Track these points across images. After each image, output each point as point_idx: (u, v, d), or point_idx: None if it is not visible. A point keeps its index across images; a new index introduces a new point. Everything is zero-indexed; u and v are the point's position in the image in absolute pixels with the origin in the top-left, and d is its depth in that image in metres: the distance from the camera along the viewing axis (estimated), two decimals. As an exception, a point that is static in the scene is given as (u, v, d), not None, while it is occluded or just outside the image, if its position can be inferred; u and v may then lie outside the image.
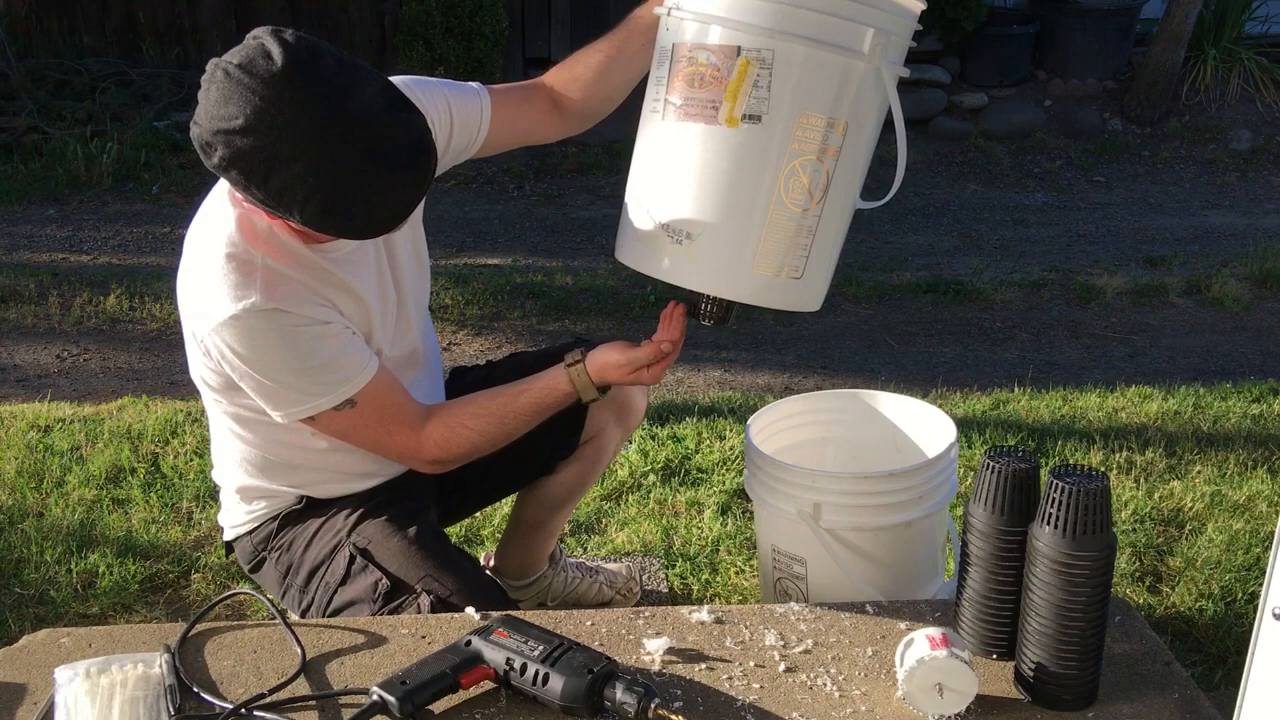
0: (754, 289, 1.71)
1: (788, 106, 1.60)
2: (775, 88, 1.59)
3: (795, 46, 1.58)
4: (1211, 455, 3.17)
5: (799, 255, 1.69)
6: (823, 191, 1.66)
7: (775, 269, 1.69)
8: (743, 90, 1.59)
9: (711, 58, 1.60)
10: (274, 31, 1.53)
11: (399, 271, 1.89)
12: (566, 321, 4.38)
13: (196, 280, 1.70)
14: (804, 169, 1.64)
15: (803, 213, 1.67)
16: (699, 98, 1.62)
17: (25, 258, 4.98)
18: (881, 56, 1.62)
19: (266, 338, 1.66)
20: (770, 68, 1.58)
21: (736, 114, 1.60)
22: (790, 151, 1.62)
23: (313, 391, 1.71)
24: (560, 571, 2.42)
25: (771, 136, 1.61)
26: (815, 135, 1.62)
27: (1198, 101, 6.86)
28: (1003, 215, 5.75)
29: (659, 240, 1.70)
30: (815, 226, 1.69)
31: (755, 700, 1.52)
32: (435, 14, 6.17)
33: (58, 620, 2.41)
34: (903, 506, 2.00)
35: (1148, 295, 4.71)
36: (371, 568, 1.80)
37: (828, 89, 1.61)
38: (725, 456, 3.11)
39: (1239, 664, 1.39)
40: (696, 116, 1.63)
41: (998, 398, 3.61)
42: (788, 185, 1.64)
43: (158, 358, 4.03)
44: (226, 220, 1.69)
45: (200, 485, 2.95)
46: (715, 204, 1.65)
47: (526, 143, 2.07)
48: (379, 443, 1.82)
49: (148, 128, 6.18)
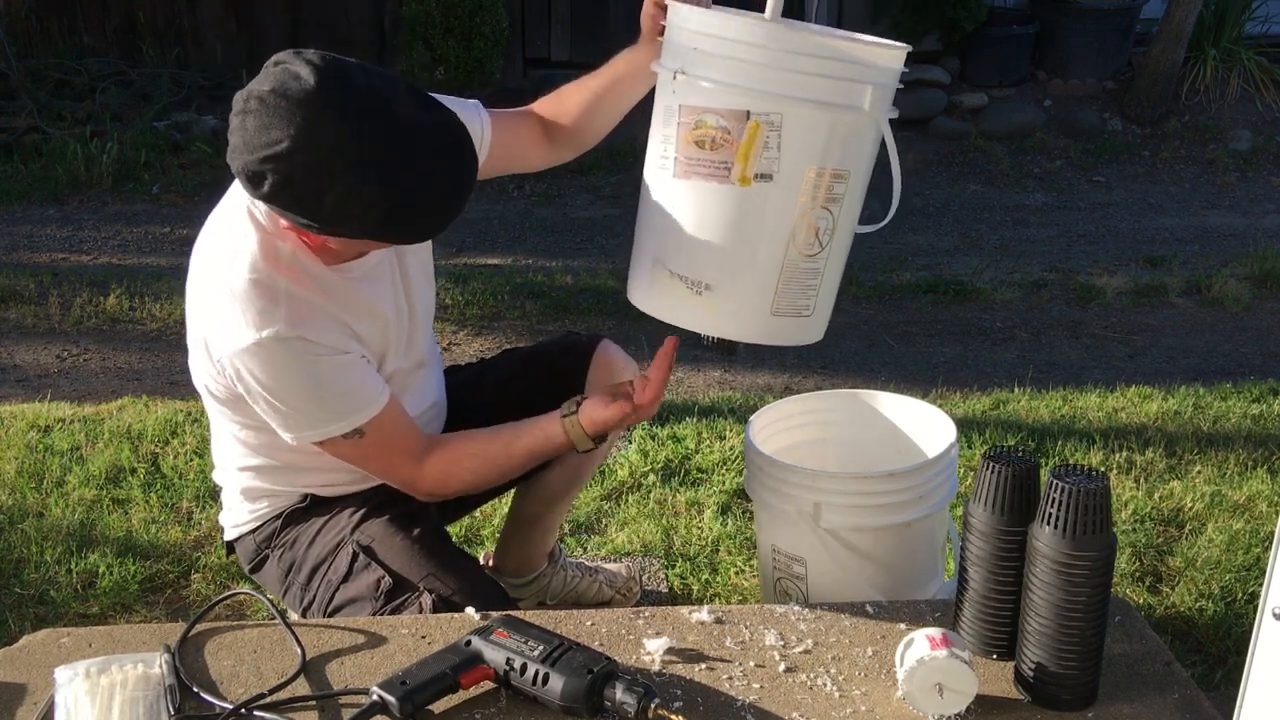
0: (770, 331, 1.80)
1: (797, 164, 1.67)
2: (785, 147, 1.65)
3: (802, 109, 1.64)
4: (1211, 455, 3.17)
5: (810, 295, 1.78)
6: (830, 235, 1.74)
7: (790, 310, 1.77)
8: (754, 152, 1.65)
9: (721, 120, 1.65)
10: (295, 53, 1.55)
11: (410, 285, 1.91)
12: (566, 321, 4.38)
13: (216, 302, 1.70)
14: (814, 218, 1.71)
15: (813, 257, 1.74)
16: (710, 159, 1.67)
17: (25, 258, 4.98)
18: (879, 109, 1.69)
19: (287, 365, 1.67)
20: (779, 129, 1.64)
21: (749, 174, 1.66)
22: (800, 205, 1.69)
23: (325, 418, 1.73)
24: (560, 570, 2.42)
25: (783, 193, 1.68)
26: (823, 187, 1.69)
27: (1198, 101, 6.86)
28: (1003, 215, 5.75)
29: (677, 290, 1.77)
30: (824, 267, 1.77)
31: (755, 700, 1.52)
32: (435, 14, 6.17)
33: (58, 620, 2.41)
34: (903, 506, 2.00)
35: (1148, 295, 4.71)
36: (374, 566, 1.80)
37: (833, 145, 1.68)
38: (725, 456, 3.11)
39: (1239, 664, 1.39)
40: (709, 176, 1.68)
41: (998, 398, 3.61)
42: (799, 235, 1.71)
43: (158, 358, 4.03)
44: (248, 242, 1.69)
45: (200, 485, 2.95)
46: (732, 258, 1.72)
47: (514, 169, 2.11)
48: (380, 470, 1.86)
49: (148, 128, 6.18)
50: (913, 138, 6.56)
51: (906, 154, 7.28)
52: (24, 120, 6.20)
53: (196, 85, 6.68)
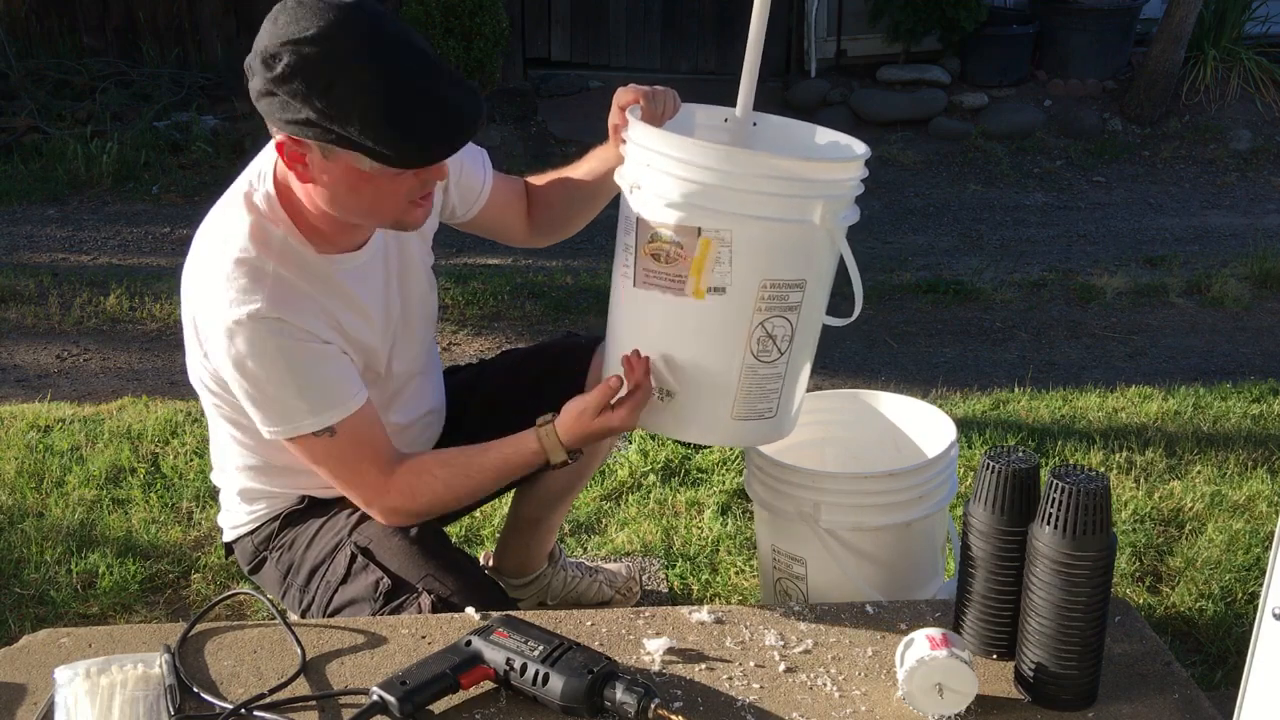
0: (732, 434, 1.86)
1: (749, 277, 1.68)
2: (737, 263, 1.67)
3: (751, 226, 1.65)
4: (1211, 455, 3.17)
5: (771, 399, 1.80)
6: (788, 341, 1.76)
7: (751, 414, 1.80)
8: (706, 266, 1.67)
9: (674, 235, 1.67)
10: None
11: (409, 289, 1.91)
12: (566, 321, 4.38)
13: (203, 280, 1.70)
14: (770, 326, 1.73)
15: (771, 363, 1.76)
16: (665, 271, 1.70)
17: (25, 258, 4.98)
18: (832, 220, 1.69)
19: (264, 346, 1.66)
20: (729, 245, 1.66)
21: (702, 287, 1.69)
22: (756, 315, 1.71)
23: (298, 410, 1.70)
24: (560, 570, 2.42)
25: (737, 305, 1.70)
26: (778, 297, 1.72)
27: (1198, 101, 6.86)
28: (1003, 215, 5.75)
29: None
30: (784, 371, 1.79)
31: (755, 700, 1.52)
32: (435, 14, 6.17)
33: (58, 620, 2.41)
34: (903, 506, 2.00)
35: (1148, 295, 4.71)
36: (373, 567, 1.80)
37: (785, 257, 1.70)
38: (725, 456, 3.11)
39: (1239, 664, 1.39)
40: (666, 288, 1.71)
41: (998, 398, 3.61)
42: (756, 344, 1.74)
43: (158, 358, 4.03)
44: (240, 224, 1.69)
45: (200, 485, 2.95)
46: (690, 368, 1.75)
47: (493, 233, 2.10)
48: (347, 478, 1.79)
49: (148, 128, 6.18)
50: (912, 138, 6.57)
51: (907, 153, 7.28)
52: (24, 120, 6.20)
53: (196, 85, 6.68)
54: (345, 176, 1.61)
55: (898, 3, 6.76)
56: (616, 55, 7.41)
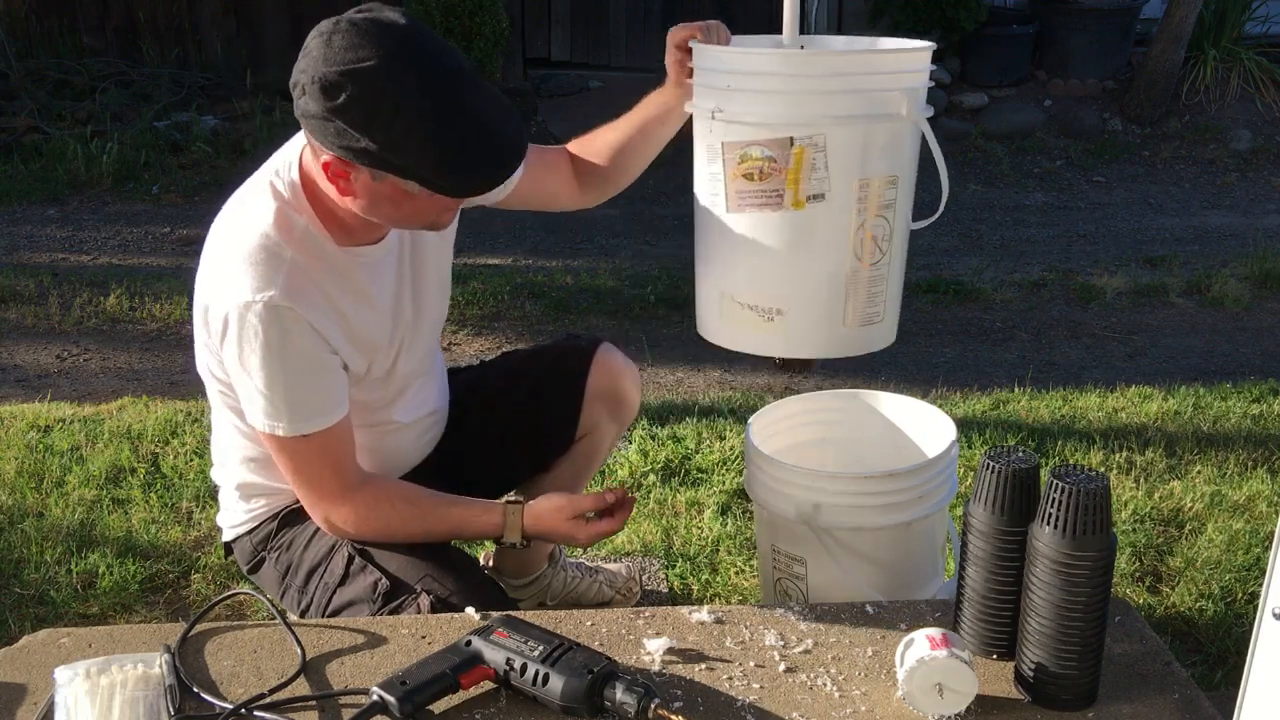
0: (848, 343, 1.87)
1: (846, 179, 1.72)
2: (832, 166, 1.70)
3: (843, 127, 1.69)
4: (1211, 455, 3.17)
5: (878, 302, 1.84)
6: (889, 240, 1.80)
7: (863, 319, 1.84)
8: (802, 175, 1.71)
9: (766, 151, 1.70)
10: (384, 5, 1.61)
11: (420, 289, 1.92)
12: (566, 321, 4.38)
13: (220, 260, 1.71)
14: (870, 227, 1.76)
15: (875, 264, 1.80)
16: (761, 189, 1.73)
17: (25, 258, 4.98)
18: (917, 111, 1.74)
19: (268, 336, 1.66)
20: (824, 149, 1.69)
21: (801, 197, 1.72)
22: (857, 217, 1.75)
23: (278, 412, 1.71)
24: (560, 571, 2.42)
25: (838, 209, 1.74)
26: (875, 196, 1.75)
27: (1198, 101, 6.86)
28: (1003, 215, 5.75)
29: (749, 320, 1.84)
30: (887, 273, 1.83)
31: (755, 700, 1.52)
32: (435, 14, 6.17)
33: (58, 620, 2.41)
34: (903, 506, 2.00)
35: (1148, 295, 4.71)
36: (371, 568, 1.80)
37: (877, 154, 1.74)
38: (725, 456, 3.11)
39: (1239, 664, 1.39)
40: (763, 205, 1.74)
41: (998, 398, 3.61)
42: (860, 246, 1.77)
43: (158, 358, 4.03)
44: (264, 210, 1.71)
45: (200, 485, 2.95)
46: (798, 281, 1.78)
47: (542, 206, 2.13)
48: (305, 477, 1.79)
49: (148, 128, 6.18)
50: (913, 138, 6.57)
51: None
52: (24, 120, 6.21)
53: (196, 85, 6.69)
54: (391, 195, 1.64)
55: (897, 3, 6.77)
56: (616, 55, 7.41)
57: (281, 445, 1.75)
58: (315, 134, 1.60)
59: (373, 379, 1.86)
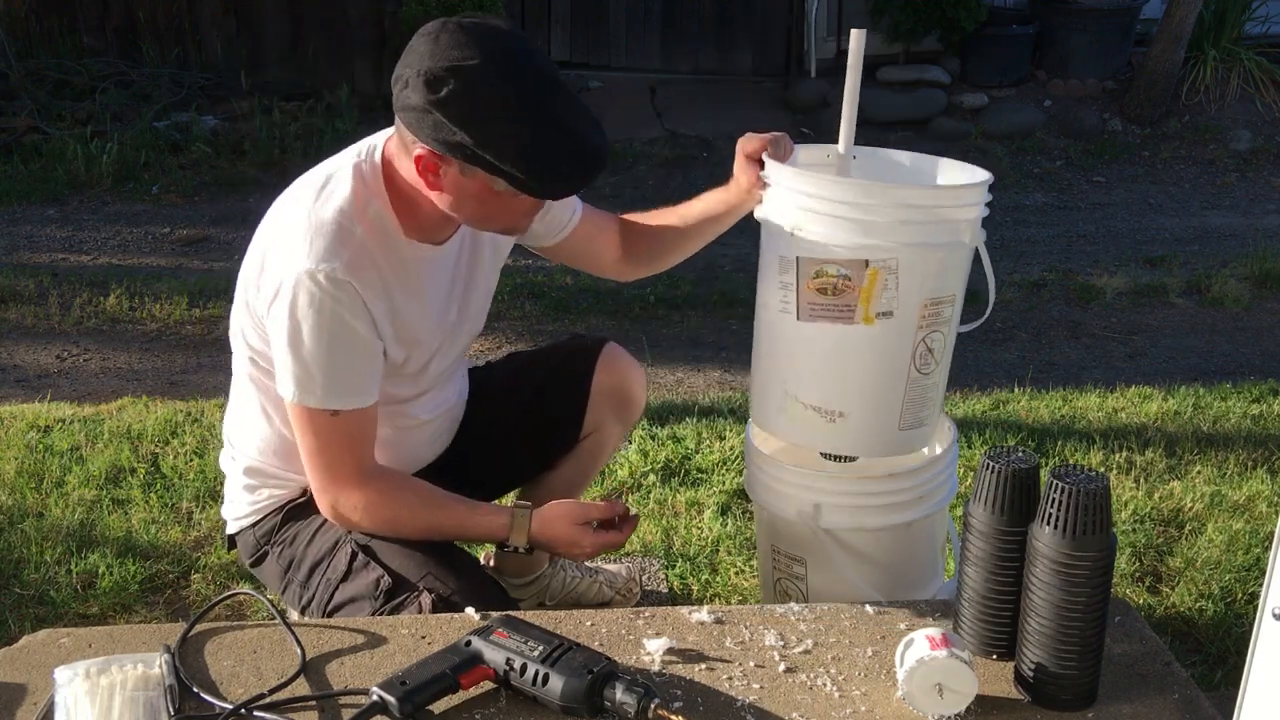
0: (900, 444, 1.99)
1: (913, 298, 1.85)
2: (902, 286, 1.83)
3: (914, 253, 1.82)
4: (1211, 455, 3.17)
5: (930, 406, 1.98)
6: (943, 352, 1.95)
7: (915, 423, 1.97)
8: (874, 294, 1.83)
9: (842, 270, 1.83)
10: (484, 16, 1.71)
11: (468, 299, 1.95)
12: (566, 322, 4.38)
13: (293, 223, 1.73)
14: (929, 341, 1.90)
15: (929, 374, 1.94)
16: (834, 303, 1.85)
17: (25, 258, 4.98)
18: (978, 238, 1.87)
19: (322, 307, 1.68)
20: (895, 271, 1.82)
21: (871, 314, 1.85)
22: (919, 333, 1.88)
23: (315, 383, 1.72)
24: (560, 571, 2.42)
25: (903, 326, 1.87)
26: (935, 313, 1.89)
27: (1197, 101, 6.86)
28: (1003, 215, 5.75)
29: (811, 420, 1.95)
30: (939, 380, 1.97)
31: (755, 700, 1.52)
32: (435, 14, 6.16)
33: (58, 620, 2.41)
34: (903, 506, 2.00)
35: (1148, 295, 4.71)
36: (373, 565, 1.80)
37: (942, 276, 1.88)
38: (725, 456, 3.11)
39: (1239, 664, 1.39)
40: (835, 319, 1.86)
41: (998, 398, 3.61)
42: (919, 359, 1.90)
43: (158, 358, 4.03)
44: (344, 186, 1.74)
45: (200, 485, 2.95)
46: (864, 388, 1.92)
47: (583, 265, 2.19)
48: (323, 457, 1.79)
49: (148, 128, 6.18)
50: (912, 138, 6.56)
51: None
52: (24, 120, 6.21)
53: (196, 85, 6.69)
54: (478, 192, 1.68)
55: (898, 3, 6.76)
56: (616, 55, 7.41)
57: (310, 419, 1.75)
58: (412, 126, 1.64)
59: (405, 374, 1.88)
